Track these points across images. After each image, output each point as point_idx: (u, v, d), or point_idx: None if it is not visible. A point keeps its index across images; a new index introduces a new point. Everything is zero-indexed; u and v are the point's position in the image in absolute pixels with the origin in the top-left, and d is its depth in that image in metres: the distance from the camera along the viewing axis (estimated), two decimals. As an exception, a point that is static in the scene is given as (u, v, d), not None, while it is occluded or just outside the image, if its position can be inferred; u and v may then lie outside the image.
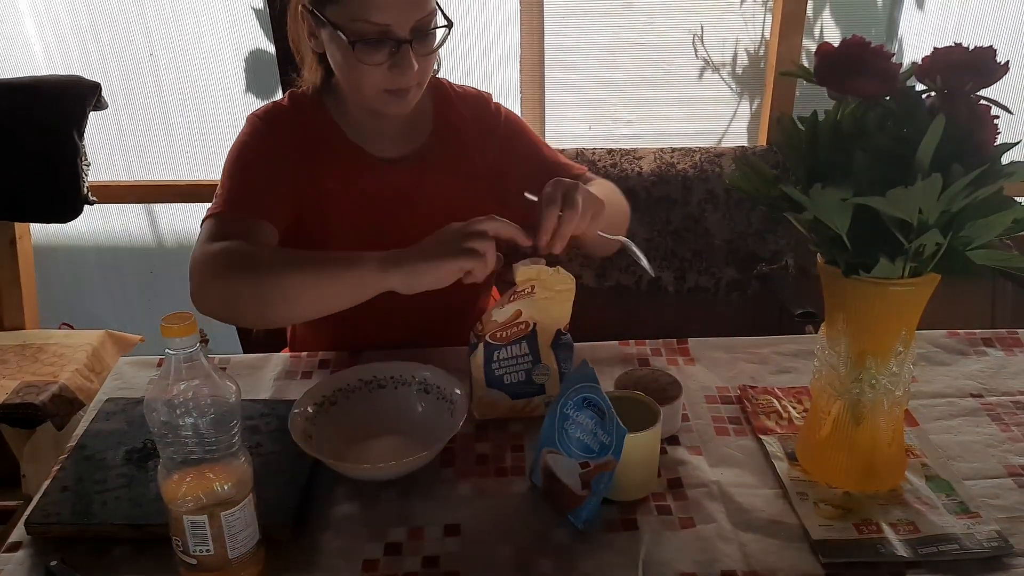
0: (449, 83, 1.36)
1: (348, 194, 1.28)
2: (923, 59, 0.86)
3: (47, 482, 1.01)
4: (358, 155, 1.28)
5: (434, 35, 1.16)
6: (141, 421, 1.08)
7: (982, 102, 0.85)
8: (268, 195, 1.22)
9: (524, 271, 1.05)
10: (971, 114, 0.84)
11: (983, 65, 0.85)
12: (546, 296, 1.07)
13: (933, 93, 0.88)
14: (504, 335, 1.09)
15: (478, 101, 1.36)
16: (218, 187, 1.23)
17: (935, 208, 0.81)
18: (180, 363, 0.79)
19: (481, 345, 1.08)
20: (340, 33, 1.12)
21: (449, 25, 1.17)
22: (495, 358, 1.09)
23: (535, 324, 1.09)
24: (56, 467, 1.03)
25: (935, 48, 0.86)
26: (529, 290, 1.06)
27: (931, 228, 0.82)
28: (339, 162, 1.28)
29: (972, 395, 1.18)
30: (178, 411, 0.79)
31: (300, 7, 1.18)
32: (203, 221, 1.18)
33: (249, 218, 1.17)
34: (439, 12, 1.17)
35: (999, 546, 0.92)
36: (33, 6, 2.19)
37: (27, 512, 0.96)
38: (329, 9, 1.12)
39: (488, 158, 1.34)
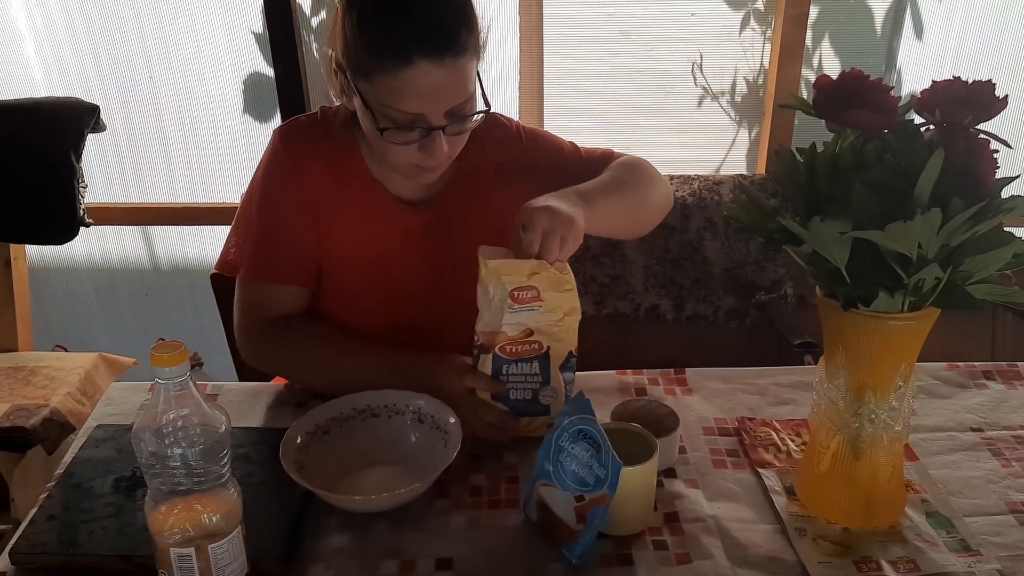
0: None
1: (365, 234, 1.25)
2: (922, 92, 0.86)
3: (34, 510, 0.99)
4: (380, 195, 1.25)
5: (470, 117, 1.11)
6: (130, 449, 1.05)
7: (981, 136, 0.85)
8: (293, 255, 1.24)
9: (518, 266, 1.02)
10: (970, 148, 0.84)
11: (982, 99, 0.84)
12: (551, 309, 1.04)
13: (932, 126, 0.88)
14: (515, 350, 1.06)
15: (501, 130, 1.31)
16: (240, 223, 1.27)
17: (934, 242, 0.80)
18: (169, 393, 0.77)
19: (490, 357, 1.06)
20: (370, 113, 1.08)
21: (487, 111, 1.12)
22: (503, 371, 1.07)
23: (549, 348, 1.07)
24: (43, 495, 1.02)
25: (934, 81, 0.86)
26: (535, 295, 1.03)
27: (930, 262, 0.81)
28: (360, 200, 1.24)
29: (972, 429, 1.17)
30: (166, 441, 0.77)
31: (334, 65, 1.12)
32: (236, 279, 1.26)
33: (277, 284, 1.24)
34: (479, 93, 1.12)
35: (1001, 585, 0.91)
36: (33, 28, 2.20)
37: (12, 541, 0.95)
38: (362, 84, 1.07)
39: (512, 184, 1.29)
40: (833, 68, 2.23)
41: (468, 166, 1.27)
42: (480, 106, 1.12)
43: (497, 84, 2.22)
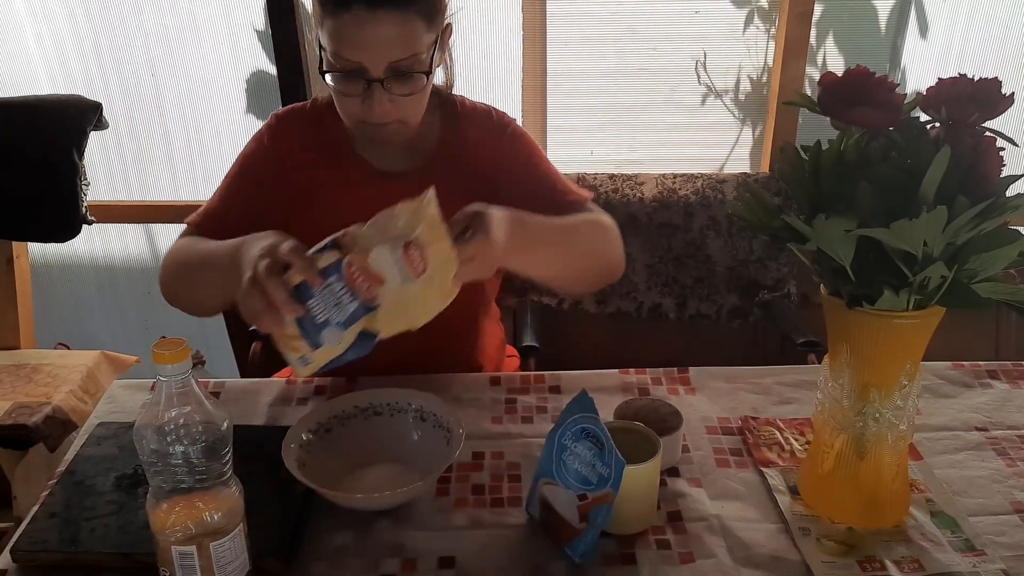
0: (461, 100, 1.33)
1: (347, 205, 1.27)
2: (928, 90, 0.86)
3: (35, 508, 0.99)
4: (362, 167, 1.29)
5: (417, 77, 1.14)
6: (132, 446, 1.05)
7: (987, 134, 0.84)
8: (243, 224, 1.21)
9: (446, 237, 0.92)
10: (976, 146, 0.83)
11: (988, 96, 0.84)
12: (413, 295, 0.93)
13: (937, 124, 0.87)
14: (358, 279, 0.92)
15: (486, 117, 1.33)
16: (218, 187, 1.31)
17: (940, 241, 0.80)
18: (171, 390, 0.77)
19: (336, 257, 0.92)
20: (320, 58, 1.13)
21: (426, 73, 1.14)
22: (331, 280, 0.92)
23: (379, 307, 0.93)
24: (45, 493, 1.02)
25: (939, 79, 0.85)
26: (422, 268, 0.92)
27: (936, 261, 0.81)
28: (342, 173, 1.29)
29: (977, 428, 1.17)
30: (168, 439, 0.77)
31: (314, 18, 1.17)
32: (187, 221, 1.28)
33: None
34: (427, 55, 1.13)
35: (1005, 585, 0.90)
36: (36, 25, 2.20)
37: (14, 539, 0.95)
38: (320, 33, 1.13)
39: (490, 175, 1.31)
40: (837, 66, 2.23)
41: (450, 139, 1.30)
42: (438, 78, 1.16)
43: (500, 82, 2.21)
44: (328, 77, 1.13)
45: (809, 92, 0.97)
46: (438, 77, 1.26)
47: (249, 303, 0.92)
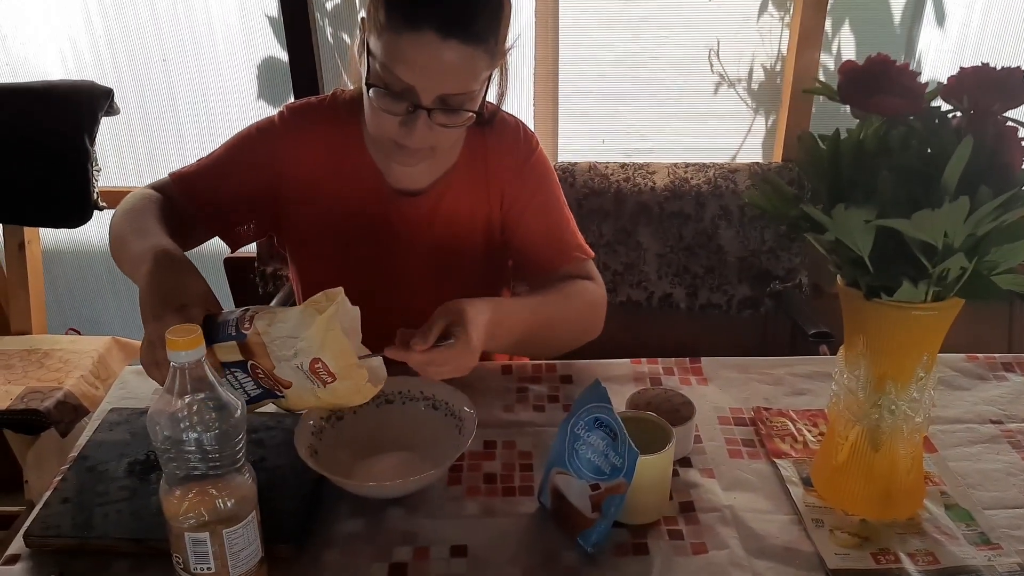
0: (494, 109, 1.25)
1: (354, 219, 1.26)
2: (949, 78, 0.85)
3: (48, 493, 0.99)
4: (375, 181, 1.25)
5: (464, 113, 1.09)
6: (144, 432, 1.06)
7: (1009, 123, 0.83)
8: (225, 196, 1.23)
9: (350, 352, 0.92)
10: (999, 135, 0.82)
11: (1011, 85, 0.83)
12: (318, 398, 0.95)
13: (959, 113, 0.86)
14: (264, 377, 0.94)
15: (514, 133, 1.28)
16: (208, 154, 1.27)
17: (961, 232, 0.79)
18: (185, 376, 0.77)
19: (238, 352, 0.92)
20: (365, 68, 1.08)
21: (476, 115, 1.10)
22: (231, 371, 0.95)
23: (284, 397, 0.96)
24: (57, 478, 1.02)
25: (961, 67, 0.84)
26: (328, 379, 0.92)
27: (956, 252, 0.80)
28: (352, 183, 1.25)
29: (992, 421, 1.16)
30: (182, 425, 0.77)
31: (361, 20, 1.11)
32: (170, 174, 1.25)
33: (189, 205, 1.22)
34: (479, 95, 1.10)
35: (1021, 579, 0.90)
36: (47, 10, 2.19)
37: (26, 524, 0.95)
38: (372, 39, 1.06)
39: (504, 202, 1.28)
40: (851, 55, 2.21)
41: (473, 155, 1.26)
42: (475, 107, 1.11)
43: (512, 70, 2.20)
44: (372, 91, 1.07)
45: (823, 81, 0.96)
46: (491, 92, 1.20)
47: (151, 371, 0.95)
